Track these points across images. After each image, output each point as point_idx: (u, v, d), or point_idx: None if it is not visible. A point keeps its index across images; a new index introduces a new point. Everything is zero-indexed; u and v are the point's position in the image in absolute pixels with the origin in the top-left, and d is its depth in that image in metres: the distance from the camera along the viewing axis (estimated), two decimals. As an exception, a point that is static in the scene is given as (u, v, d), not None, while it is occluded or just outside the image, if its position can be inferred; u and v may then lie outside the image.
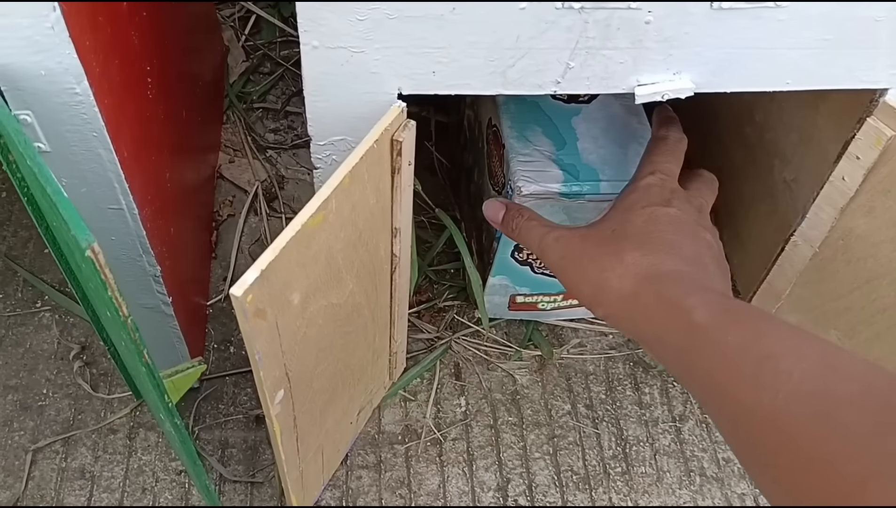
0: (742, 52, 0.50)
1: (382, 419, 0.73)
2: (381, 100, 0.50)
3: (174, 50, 0.70)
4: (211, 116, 0.93)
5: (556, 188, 0.64)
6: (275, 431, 0.51)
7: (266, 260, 0.41)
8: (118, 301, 0.39)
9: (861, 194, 0.56)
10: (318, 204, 0.44)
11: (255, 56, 1.04)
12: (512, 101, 0.70)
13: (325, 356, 0.54)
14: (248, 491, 0.68)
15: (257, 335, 0.43)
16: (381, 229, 0.55)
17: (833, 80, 0.52)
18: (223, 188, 0.91)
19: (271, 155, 0.95)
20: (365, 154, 0.46)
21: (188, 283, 0.74)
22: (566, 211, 0.66)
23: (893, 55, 0.51)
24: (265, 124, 0.98)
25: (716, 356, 0.42)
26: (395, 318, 0.65)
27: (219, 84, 0.98)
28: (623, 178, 0.61)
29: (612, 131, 0.68)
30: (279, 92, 1.01)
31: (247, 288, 0.40)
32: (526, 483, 0.70)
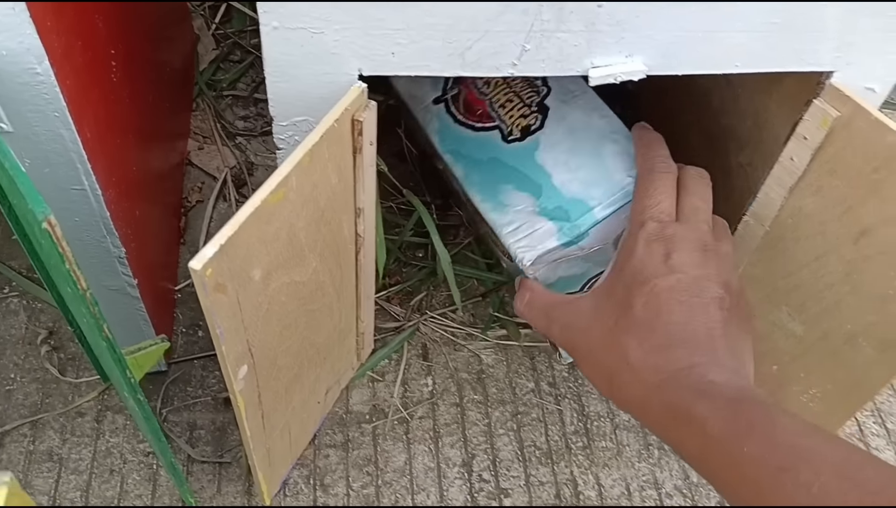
0: (692, 35, 0.52)
1: (350, 399, 0.74)
2: (341, 81, 0.51)
3: (141, 36, 0.70)
4: (180, 103, 0.93)
5: (555, 243, 0.60)
6: (239, 406, 0.52)
7: (225, 235, 0.42)
8: (76, 274, 0.40)
9: (809, 173, 0.57)
10: (277, 181, 0.45)
11: (226, 44, 1.04)
12: (472, 169, 0.65)
13: (289, 334, 0.55)
14: (215, 471, 0.69)
15: (218, 309, 0.44)
16: (344, 208, 0.56)
17: (781, 62, 0.54)
18: (192, 175, 0.92)
19: (241, 142, 0.96)
20: (325, 133, 0.47)
21: (156, 268, 0.74)
22: (585, 258, 0.62)
23: (839, 39, 0.52)
24: (235, 112, 0.99)
25: (734, 470, 0.41)
26: (361, 298, 0.66)
27: (188, 72, 0.98)
28: (612, 190, 0.60)
29: (579, 145, 0.63)
30: (249, 80, 1.02)
31: (206, 262, 0.41)
32: (490, 458, 0.71)
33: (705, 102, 0.79)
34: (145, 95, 0.72)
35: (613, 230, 0.60)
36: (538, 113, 0.65)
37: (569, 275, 0.63)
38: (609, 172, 0.61)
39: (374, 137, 0.54)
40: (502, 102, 0.67)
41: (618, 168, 0.61)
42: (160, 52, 0.81)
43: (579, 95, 0.66)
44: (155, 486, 0.68)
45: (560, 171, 0.62)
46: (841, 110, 0.54)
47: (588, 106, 0.65)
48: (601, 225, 0.60)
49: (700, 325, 0.47)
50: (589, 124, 0.64)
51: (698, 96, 0.80)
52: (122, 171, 0.61)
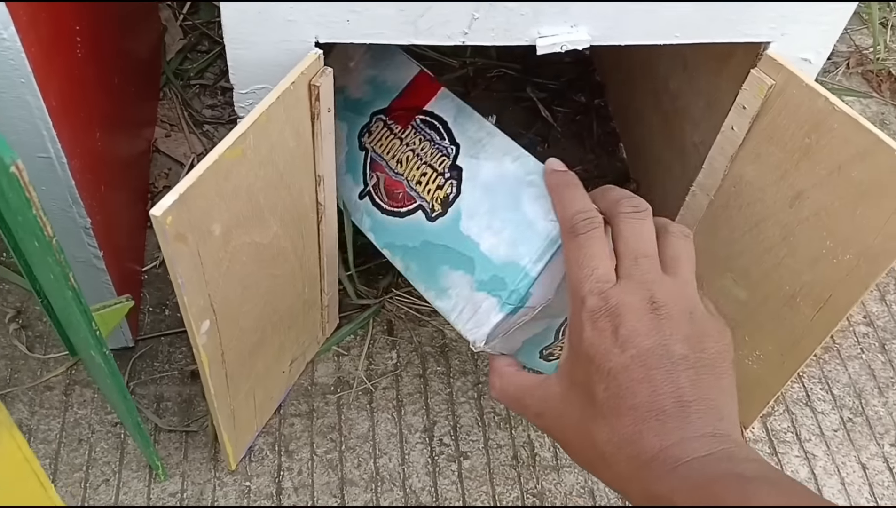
0: (634, 6, 0.54)
1: (315, 372, 0.76)
2: (298, 48, 0.53)
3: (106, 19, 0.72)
4: (146, 90, 0.95)
5: (500, 316, 0.56)
6: (202, 362, 0.54)
7: (184, 185, 0.44)
8: (42, 220, 0.41)
9: (748, 141, 0.60)
10: (235, 138, 0.47)
11: (193, 35, 1.06)
12: (409, 259, 0.63)
13: (251, 296, 0.57)
14: (182, 440, 0.71)
15: (178, 258, 0.46)
16: (303, 174, 0.58)
17: (718, 33, 0.56)
18: (159, 161, 0.93)
19: (208, 130, 0.97)
20: (282, 95, 0.50)
21: (122, 247, 0.76)
22: (542, 312, 0.58)
23: (775, 10, 0.55)
24: (202, 101, 1.00)
25: None
26: (324, 270, 0.68)
27: (155, 61, 1.00)
28: (538, 243, 0.56)
29: (497, 202, 0.59)
30: (217, 70, 1.04)
31: (166, 209, 0.43)
32: (451, 424, 0.74)
33: (663, 87, 0.82)
34: (110, 78, 0.74)
35: (554, 279, 0.56)
36: (452, 179, 0.62)
37: (534, 334, 0.59)
38: (531, 223, 0.57)
39: (332, 105, 0.56)
40: (417, 177, 0.64)
41: (539, 215, 0.56)
42: (126, 40, 0.83)
43: (487, 142, 0.62)
44: (122, 454, 0.69)
45: (486, 236, 0.59)
46: (776, 79, 0.56)
47: (498, 152, 0.61)
48: (540, 280, 0.56)
49: (667, 398, 0.44)
50: (502, 174, 0.60)
51: (657, 81, 0.83)
52: (87, 143, 0.63)
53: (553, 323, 0.60)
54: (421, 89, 0.69)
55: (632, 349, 0.45)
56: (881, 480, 0.75)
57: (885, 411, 0.80)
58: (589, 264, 0.48)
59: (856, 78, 1.10)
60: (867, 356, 0.83)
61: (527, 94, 1.01)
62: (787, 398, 0.79)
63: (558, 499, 0.71)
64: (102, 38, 0.70)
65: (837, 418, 0.78)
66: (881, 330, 0.85)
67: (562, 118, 0.99)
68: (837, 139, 0.54)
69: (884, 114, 1.06)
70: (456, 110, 0.66)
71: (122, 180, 0.78)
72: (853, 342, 0.84)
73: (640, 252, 0.49)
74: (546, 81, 1.03)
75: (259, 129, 0.49)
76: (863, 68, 1.11)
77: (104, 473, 0.69)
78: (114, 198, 0.72)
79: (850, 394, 0.80)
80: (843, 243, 0.57)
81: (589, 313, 0.47)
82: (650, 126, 0.86)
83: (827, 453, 0.76)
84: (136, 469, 0.69)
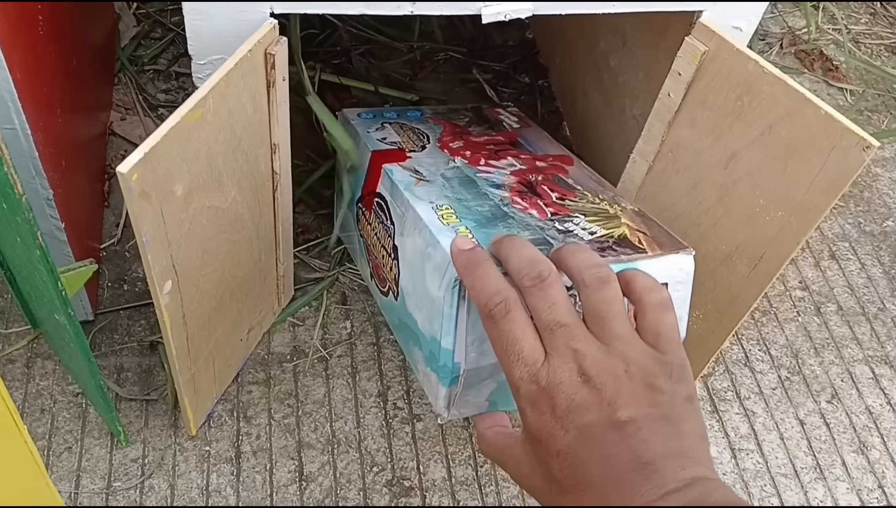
0: (574, -23, 0.57)
1: (272, 342, 0.79)
2: (255, 19, 0.55)
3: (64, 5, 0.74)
4: (102, 75, 0.96)
5: (444, 389, 0.57)
6: (164, 322, 0.56)
7: (149, 144, 0.46)
8: (13, 178, 0.43)
9: (684, 107, 0.64)
10: (196, 101, 0.49)
11: (147, 22, 1.08)
12: (398, 336, 0.67)
13: (211, 260, 0.60)
14: (143, 408, 0.73)
15: (143, 216, 0.48)
16: (260, 142, 0.60)
17: (653, 3, 0.60)
18: (115, 143, 0.95)
19: (163, 113, 0.99)
20: (240, 61, 0.52)
21: (82, 224, 0.78)
22: (489, 374, 0.56)
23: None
24: (156, 85, 1.02)
25: None
26: (279, 239, 0.71)
27: (109, 47, 1.01)
28: (439, 317, 0.55)
29: (415, 278, 0.60)
30: (170, 55, 1.05)
31: (132, 167, 0.45)
32: (404, 388, 0.76)
33: (604, 64, 0.86)
34: (69, 59, 0.76)
35: (474, 341, 0.54)
36: (395, 259, 0.65)
37: (493, 385, 0.58)
38: (432, 297, 0.57)
39: (286, 73, 0.58)
40: (380, 260, 0.69)
41: (435, 286, 0.56)
42: (82, 25, 0.84)
43: (407, 217, 0.63)
44: (84, 422, 0.71)
45: (417, 314, 0.60)
46: (708, 45, 0.60)
47: (413, 226, 0.61)
48: (458, 349, 0.55)
49: (623, 465, 0.42)
50: (415, 249, 0.60)
51: (598, 59, 0.87)
52: (49, 118, 0.65)
53: (500, 377, 0.57)
54: (373, 170, 0.70)
55: (573, 429, 0.43)
56: (818, 435, 0.79)
57: (821, 370, 0.84)
58: (513, 349, 0.46)
59: (789, 58, 1.15)
60: (803, 318, 0.88)
61: (473, 75, 1.05)
62: (726, 358, 0.83)
63: (509, 458, 0.74)
64: (61, 21, 0.72)
65: (775, 377, 0.83)
66: (816, 294, 0.90)
67: (507, 98, 1.03)
68: (767, 100, 0.58)
69: (816, 91, 1.11)
70: (391, 187, 0.66)
71: (81, 159, 0.79)
72: (789, 305, 0.89)
73: (553, 323, 0.46)
74: (491, 63, 1.06)
75: (218, 93, 0.51)
76: (796, 48, 1.16)
77: (66, 441, 0.70)
78: (73, 175, 0.73)
79: (787, 354, 0.85)
80: (774, 201, 0.61)
81: (526, 400, 0.45)
82: (592, 103, 0.90)
83: (766, 410, 0.80)
84: (98, 437, 0.71)
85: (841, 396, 0.82)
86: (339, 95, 1.01)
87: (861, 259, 0.94)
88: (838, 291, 0.91)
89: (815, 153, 0.57)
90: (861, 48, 1.19)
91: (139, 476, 0.69)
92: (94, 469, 0.69)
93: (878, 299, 0.90)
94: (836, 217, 0.98)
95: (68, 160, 0.71)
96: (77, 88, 0.79)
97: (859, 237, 0.96)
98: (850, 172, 0.56)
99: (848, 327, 0.88)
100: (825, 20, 1.21)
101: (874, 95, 1.11)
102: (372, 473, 0.72)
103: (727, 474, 0.75)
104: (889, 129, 1.08)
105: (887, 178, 1.03)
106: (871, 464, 0.78)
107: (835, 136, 0.55)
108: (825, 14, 1.21)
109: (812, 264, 0.93)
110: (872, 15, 1.24)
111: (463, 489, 0.72)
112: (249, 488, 0.70)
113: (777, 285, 0.90)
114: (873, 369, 0.85)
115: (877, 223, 0.98)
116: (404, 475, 0.72)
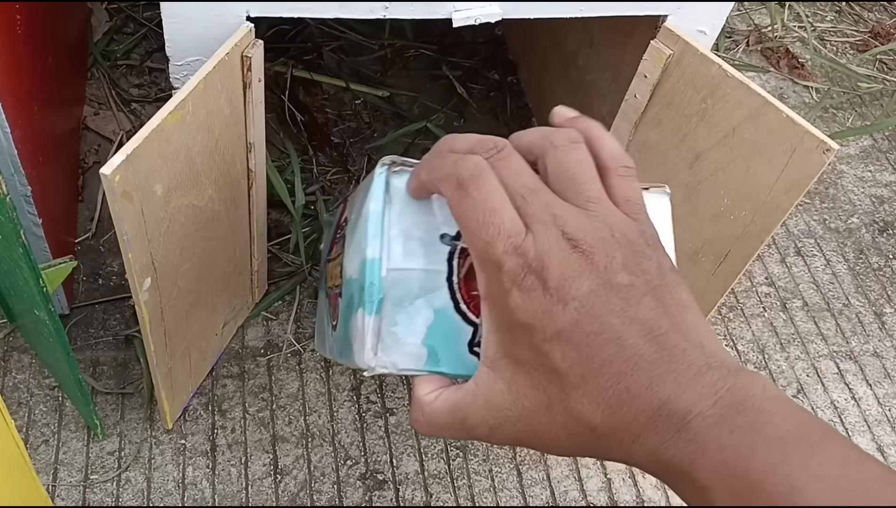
0: (543, -18, 0.59)
1: (246, 336, 0.80)
2: (231, 22, 0.57)
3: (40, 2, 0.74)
4: (75, 70, 0.97)
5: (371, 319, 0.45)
6: (143, 317, 0.57)
7: (131, 146, 0.47)
8: (-2, 178, 0.44)
9: (650, 108, 0.66)
10: (175, 103, 0.50)
11: (119, 17, 1.08)
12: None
13: (189, 256, 0.61)
14: (118, 402, 0.74)
15: (125, 216, 0.49)
16: (236, 141, 0.61)
17: (620, 7, 0.62)
18: (88, 138, 0.95)
19: (135, 108, 1.00)
20: (217, 64, 0.53)
21: (57, 218, 0.78)
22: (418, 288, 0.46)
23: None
24: (129, 80, 1.02)
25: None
26: (254, 235, 0.72)
27: (82, 42, 1.02)
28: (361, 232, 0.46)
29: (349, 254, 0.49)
30: (142, 51, 1.06)
31: (115, 168, 0.46)
32: (377, 382, 0.78)
33: (573, 63, 0.87)
34: (45, 56, 0.76)
35: (398, 236, 0.45)
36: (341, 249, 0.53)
37: (429, 314, 0.46)
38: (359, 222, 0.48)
39: (262, 75, 0.59)
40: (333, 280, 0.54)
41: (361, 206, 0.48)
42: (57, 22, 0.85)
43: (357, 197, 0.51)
44: (61, 415, 0.72)
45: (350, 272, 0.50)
46: (673, 49, 0.62)
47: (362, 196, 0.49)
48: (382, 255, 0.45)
49: (636, 339, 0.37)
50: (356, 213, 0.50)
51: (567, 58, 0.89)
52: (27, 115, 0.66)
53: (435, 301, 0.46)
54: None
55: (573, 301, 0.38)
56: (777, 427, 0.82)
57: (787, 365, 0.86)
58: (492, 221, 0.39)
59: (755, 55, 1.18)
60: (769, 314, 0.90)
61: (443, 72, 1.06)
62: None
63: (480, 451, 0.75)
64: (37, 19, 0.72)
65: (737, 371, 0.85)
66: (782, 290, 0.92)
67: (477, 95, 1.04)
68: (731, 103, 0.60)
69: (782, 88, 1.13)
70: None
71: (57, 154, 0.80)
72: (756, 301, 0.91)
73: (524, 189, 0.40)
74: (461, 60, 1.08)
75: (197, 95, 0.52)
76: (762, 46, 1.18)
77: (44, 434, 0.71)
78: (50, 170, 0.74)
79: (753, 349, 0.87)
80: (738, 201, 0.63)
81: (510, 277, 0.39)
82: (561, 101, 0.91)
83: (727, 403, 0.82)
84: (75, 430, 0.72)
85: (806, 391, 0.85)
86: (311, 90, 1.02)
87: (826, 256, 0.97)
88: (804, 287, 0.93)
89: (777, 155, 0.59)
90: (826, 46, 1.22)
91: (116, 468, 0.70)
92: (72, 462, 0.70)
93: (842, 295, 0.93)
94: (802, 214, 1.00)
95: (45, 156, 0.72)
96: (53, 85, 0.80)
97: (824, 234, 0.99)
98: (811, 174, 0.58)
99: (813, 322, 0.90)
100: (791, 18, 1.23)
101: (839, 93, 1.14)
102: (346, 466, 0.73)
103: (691, 464, 0.78)
104: (854, 126, 1.11)
105: (852, 175, 1.06)
106: (830, 455, 0.80)
107: (796, 138, 0.58)
108: (791, 12, 1.24)
109: (778, 260, 0.95)
110: (838, 13, 1.27)
111: (436, 482, 0.73)
112: (225, 481, 0.71)
113: (744, 281, 0.92)
114: (838, 364, 0.87)
115: (842, 220, 1.00)
116: (377, 468, 0.73)
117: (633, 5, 0.61)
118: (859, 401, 0.85)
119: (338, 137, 0.99)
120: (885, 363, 0.88)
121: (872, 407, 0.84)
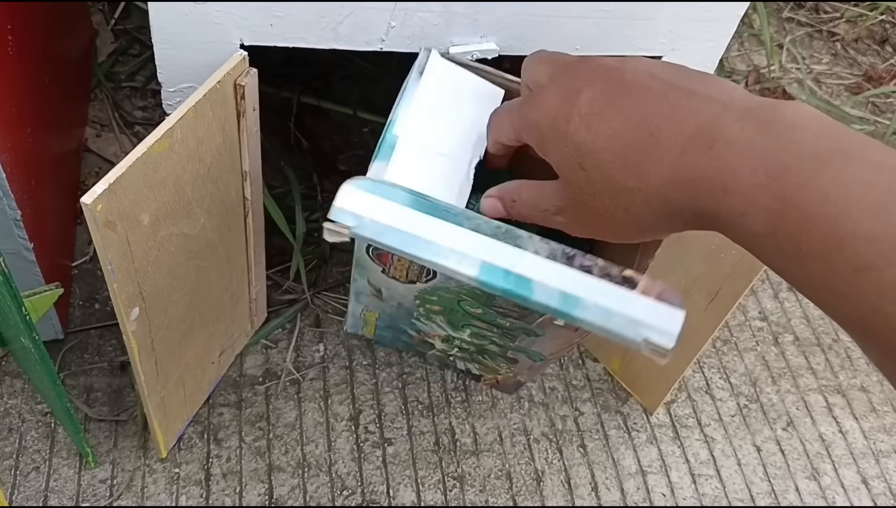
0: (536, 20, 0.58)
1: (244, 363, 0.79)
2: (224, 50, 0.56)
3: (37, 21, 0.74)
4: (78, 91, 0.96)
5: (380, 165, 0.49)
6: (132, 348, 0.56)
7: (114, 175, 0.47)
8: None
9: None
10: (163, 131, 0.50)
11: (125, 39, 1.08)
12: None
13: (180, 285, 0.60)
14: (112, 429, 0.73)
15: (108, 245, 0.48)
16: (230, 170, 0.60)
17: (613, 46, 0.61)
18: (90, 160, 0.95)
19: (139, 130, 0.99)
20: (208, 93, 0.52)
21: (53, 241, 0.78)
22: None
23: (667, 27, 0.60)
24: (133, 102, 1.02)
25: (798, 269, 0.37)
26: (251, 263, 0.71)
27: (86, 63, 1.01)
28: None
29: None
30: (147, 73, 1.05)
31: (96, 197, 0.46)
32: (376, 412, 0.77)
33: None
34: (41, 77, 0.76)
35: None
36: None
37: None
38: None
39: (257, 103, 0.59)
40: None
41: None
42: (57, 42, 0.84)
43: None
44: (53, 442, 0.71)
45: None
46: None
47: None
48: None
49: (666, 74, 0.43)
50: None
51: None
52: (18, 138, 0.65)
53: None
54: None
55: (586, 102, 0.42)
56: (774, 461, 0.81)
57: (777, 398, 0.86)
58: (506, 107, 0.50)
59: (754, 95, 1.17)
60: (762, 348, 0.90)
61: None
62: (688, 385, 0.84)
63: (477, 482, 0.74)
64: (33, 39, 0.72)
65: (734, 404, 0.84)
66: (775, 324, 0.92)
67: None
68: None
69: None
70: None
71: (53, 177, 0.79)
72: (749, 335, 0.91)
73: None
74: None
75: (186, 124, 0.51)
76: (760, 86, 1.19)
77: (34, 461, 0.70)
78: (44, 193, 0.73)
79: (746, 383, 0.86)
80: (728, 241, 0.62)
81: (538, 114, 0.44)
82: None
83: (725, 436, 0.82)
84: (67, 457, 0.71)
85: (796, 423, 0.85)
86: (318, 118, 1.02)
87: (821, 290, 0.96)
88: (795, 321, 0.93)
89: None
90: (822, 87, 1.23)
91: (108, 497, 0.69)
92: (62, 490, 0.69)
93: (832, 330, 0.93)
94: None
95: (38, 179, 0.71)
96: (49, 106, 0.79)
97: (820, 268, 0.98)
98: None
99: (804, 356, 0.90)
100: (788, 60, 1.25)
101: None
102: (342, 497, 0.72)
103: (687, 499, 0.76)
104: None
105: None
106: (823, 490, 0.80)
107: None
108: (788, 54, 1.25)
109: (771, 295, 0.95)
110: (833, 56, 1.28)
111: (431, 513, 0.72)
112: (217, 511, 0.70)
113: (738, 316, 0.92)
114: (827, 398, 0.87)
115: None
116: (374, 499, 0.72)
117: (629, 45, 0.61)
118: (846, 434, 0.85)
119: (344, 164, 0.98)
120: (871, 398, 0.88)
121: (858, 440, 0.85)
